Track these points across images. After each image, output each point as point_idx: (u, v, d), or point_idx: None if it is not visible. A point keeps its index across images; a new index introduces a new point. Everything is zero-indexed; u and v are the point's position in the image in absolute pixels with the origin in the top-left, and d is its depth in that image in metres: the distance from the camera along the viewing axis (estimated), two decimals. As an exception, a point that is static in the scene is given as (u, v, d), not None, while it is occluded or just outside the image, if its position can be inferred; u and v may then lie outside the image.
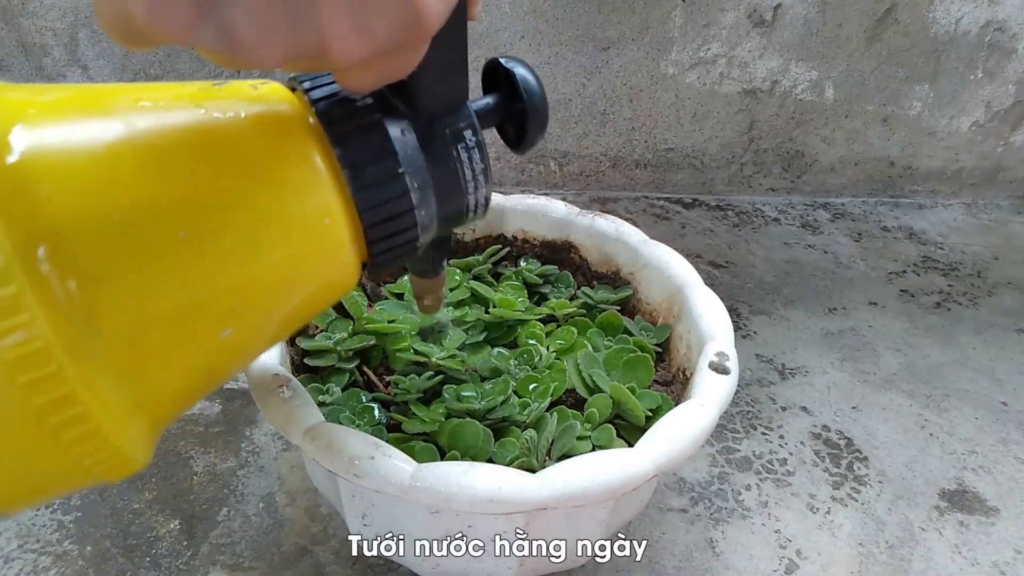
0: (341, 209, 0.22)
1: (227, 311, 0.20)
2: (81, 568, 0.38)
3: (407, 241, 0.24)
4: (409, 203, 0.23)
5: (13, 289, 0.16)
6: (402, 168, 0.22)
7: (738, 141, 0.82)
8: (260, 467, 0.44)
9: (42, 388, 0.17)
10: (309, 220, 0.21)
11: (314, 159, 0.21)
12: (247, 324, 0.21)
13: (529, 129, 0.25)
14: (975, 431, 0.53)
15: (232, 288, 0.20)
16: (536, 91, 0.25)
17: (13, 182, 0.17)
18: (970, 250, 0.79)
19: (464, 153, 0.24)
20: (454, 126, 0.23)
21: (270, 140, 0.21)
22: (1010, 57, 0.81)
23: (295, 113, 0.22)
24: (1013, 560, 0.43)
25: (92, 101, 0.20)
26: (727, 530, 0.43)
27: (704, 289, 0.40)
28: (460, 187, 0.24)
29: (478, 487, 0.27)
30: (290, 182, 0.21)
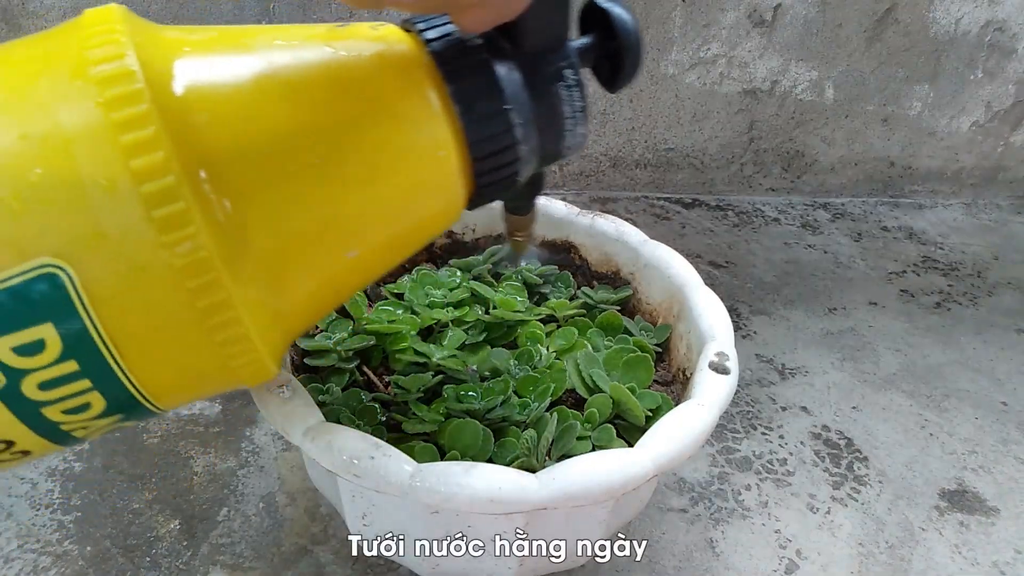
0: (452, 142, 0.23)
1: (353, 233, 0.23)
2: (81, 568, 0.38)
3: (509, 175, 0.25)
4: (513, 138, 0.24)
5: (182, 205, 0.19)
6: (508, 104, 0.23)
7: (738, 141, 0.82)
8: (260, 467, 0.44)
9: (205, 293, 0.20)
10: (424, 151, 0.23)
11: (429, 95, 0.23)
12: (369, 246, 0.24)
13: (624, 66, 0.26)
14: (975, 431, 0.53)
15: (356, 211, 0.23)
16: (632, 28, 0.26)
17: (179, 112, 0.19)
18: (970, 250, 0.79)
19: (564, 91, 0.25)
20: (556, 65, 0.24)
21: (389, 76, 0.23)
22: (1010, 57, 0.81)
23: (411, 52, 0.23)
24: (1013, 560, 0.43)
25: (235, 40, 0.22)
26: (727, 530, 0.43)
27: (704, 289, 0.40)
28: (560, 124, 0.25)
29: (478, 487, 0.27)
30: (407, 115, 0.23)
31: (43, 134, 0.19)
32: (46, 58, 0.20)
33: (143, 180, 0.18)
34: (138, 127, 0.19)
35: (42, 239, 0.19)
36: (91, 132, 0.19)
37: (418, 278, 0.43)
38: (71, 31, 0.21)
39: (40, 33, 0.22)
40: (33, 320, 0.19)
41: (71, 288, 0.19)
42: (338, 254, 0.23)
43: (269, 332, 0.22)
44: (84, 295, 0.19)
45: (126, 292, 0.19)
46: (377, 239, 0.24)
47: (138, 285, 0.19)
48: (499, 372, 0.38)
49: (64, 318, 0.19)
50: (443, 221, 0.26)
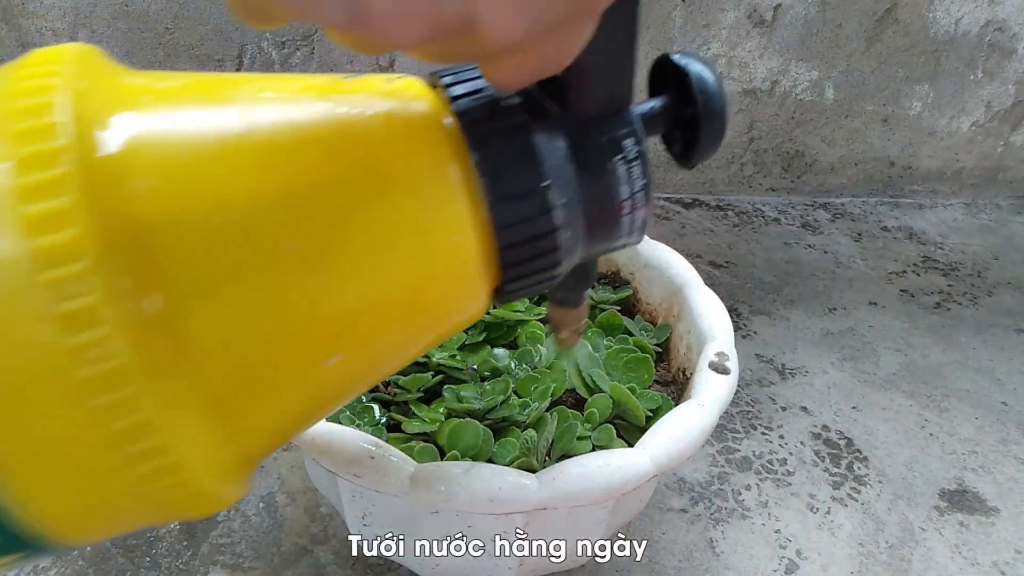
0: (473, 225, 0.19)
1: (335, 336, 0.18)
2: (81, 568, 0.38)
3: (546, 267, 0.20)
4: (551, 223, 0.19)
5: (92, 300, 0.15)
6: (547, 180, 0.19)
7: (738, 141, 0.82)
8: (260, 467, 0.44)
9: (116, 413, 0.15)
10: (435, 236, 0.19)
11: (446, 165, 0.18)
12: (356, 352, 0.19)
13: (701, 139, 0.21)
14: (975, 431, 0.53)
15: (342, 310, 0.18)
16: (715, 94, 0.21)
17: (108, 176, 0.16)
18: (970, 250, 0.79)
19: (623, 166, 0.20)
20: (613, 133, 0.20)
21: (398, 142, 0.19)
22: (1010, 57, 0.81)
23: (431, 112, 0.19)
24: (1013, 560, 0.43)
25: (211, 90, 0.18)
26: (727, 530, 0.43)
27: (704, 289, 0.40)
28: (613, 206, 0.20)
29: (478, 487, 0.27)
30: (417, 191, 0.18)
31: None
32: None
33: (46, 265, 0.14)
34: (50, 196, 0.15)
35: None
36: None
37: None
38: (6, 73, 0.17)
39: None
40: None
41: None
42: (315, 363, 0.18)
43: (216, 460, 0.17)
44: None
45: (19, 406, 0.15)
46: (368, 345, 0.19)
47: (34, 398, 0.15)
48: (499, 372, 0.38)
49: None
50: (458, 320, 0.21)
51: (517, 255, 0.19)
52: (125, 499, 0.17)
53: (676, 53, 0.22)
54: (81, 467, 0.16)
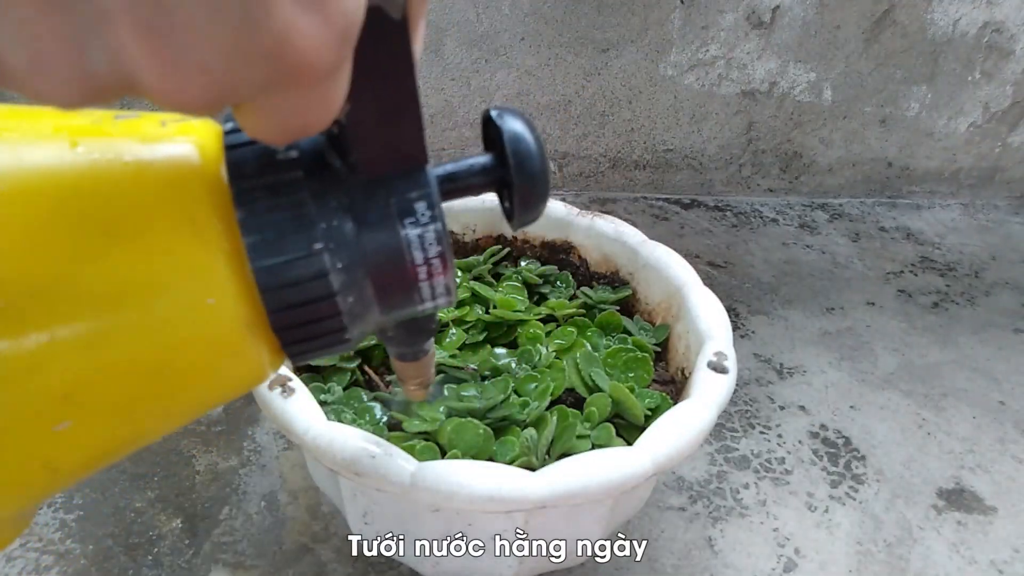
0: (234, 286, 0.17)
1: (60, 400, 0.16)
2: (83, 567, 0.38)
3: (329, 332, 0.19)
4: (328, 287, 0.18)
5: None
6: (320, 243, 0.17)
7: (736, 142, 0.82)
8: (262, 466, 0.44)
9: None
10: (184, 298, 0.17)
11: (201, 221, 0.17)
12: (92, 417, 0.17)
13: (515, 201, 0.20)
14: (973, 430, 0.53)
15: (68, 371, 0.16)
16: (530, 154, 0.19)
17: None
18: (967, 250, 0.79)
19: (414, 230, 0.18)
20: (403, 196, 0.18)
21: (149, 193, 0.17)
22: (1008, 58, 0.81)
23: (201, 163, 0.17)
24: (1011, 559, 0.43)
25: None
26: (726, 528, 0.43)
27: (703, 289, 0.40)
28: (405, 272, 0.19)
29: (478, 485, 0.27)
30: (163, 248, 0.17)
31: None
32: None
33: None
34: None
35: None
36: None
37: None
38: None
39: None
40: None
41: None
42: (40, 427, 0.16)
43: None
44: None
45: None
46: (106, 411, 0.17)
47: None
48: (499, 372, 0.38)
49: None
50: (228, 387, 0.19)
51: (290, 320, 0.18)
52: None
53: (495, 108, 0.21)
54: None
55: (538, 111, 0.77)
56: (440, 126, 0.76)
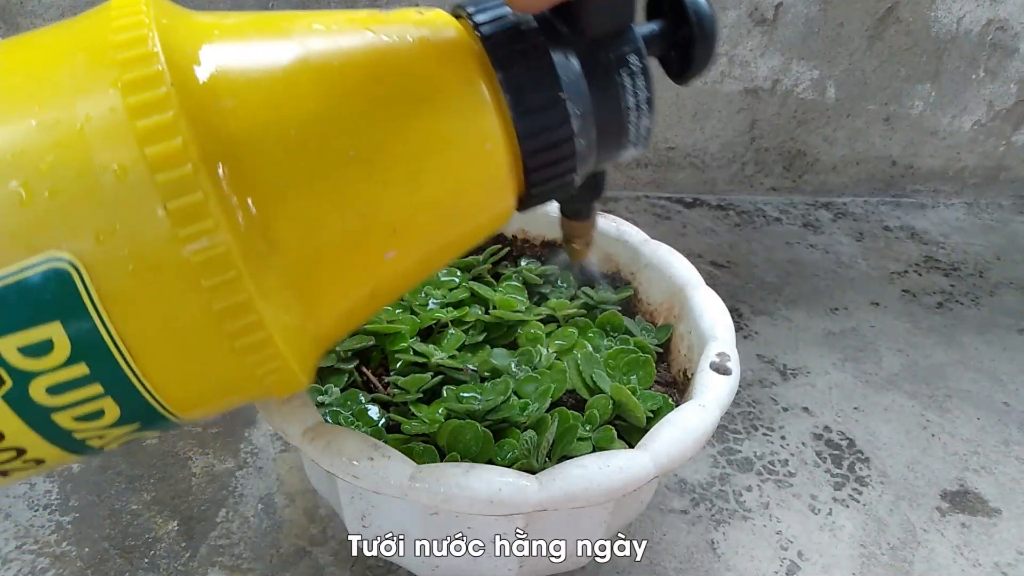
0: (502, 134, 0.22)
1: (391, 232, 0.21)
2: (79, 569, 0.37)
3: (565, 171, 0.23)
4: (569, 130, 0.22)
5: (200, 196, 0.17)
6: (564, 93, 0.22)
7: (739, 140, 0.81)
8: (259, 468, 0.44)
9: (223, 293, 0.18)
10: (470, 144, 0.21)
11: (477, 82, 0.21)
12: (409, 247, 0.22)
13: (696, 57, 0.24)
14: (977, 432, 0.53)
15: (396, 208, 0.21)
16: (706, 14, 0.24)
17: (202, 97, 0.18)
18: (972, 250, 0.79)
19: (628, 79, 0.23)
20: (619, 50, 0.23)
21: (435, 63, 0.21)
22: (1012, 56, 0.81)
23: (460, 37, 0.22)
24: (1015, 561, 0.43)
25: (269, 25, 0.21)
26: (728, 531, 0.43)
27: (705, 289, 0.40)
28: (622, 115, 0.23)
29: (478, 488, 0.27)
30: (453, 105, 0.21)
31: (58, 120, 0.18)
32: (70, 43, 0.19)
33: (158, 168, 0.17)
34: (155, 112, 0.17)
35: (50, 231, 0.17)
36: (106, 117, 0.18)
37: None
38: (96, 16, 0.20)
39: (67, 20, 0.21)
40: (40, 318, 0.18)
41: (80, 284, 0.18)
42: (374, 255, 0.21)
43: (297, 339, 0.21)
44: (94, 292, 0.18)
45: (139, 291, 0.18)
46: (418, 240, 0.22)
47: (152, 283, 0.18)
48: (499, 372, 0.38)
49: (73, 317, 0.18)
50: (490, 222, 0.24)
51: (540, 161, 0.22)
52: (227, 371, 0.20)
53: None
54: (192, 343, 0.19)
55: (539, 109, 0.76)
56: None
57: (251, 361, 0.20)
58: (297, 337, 0.20)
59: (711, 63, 0.25)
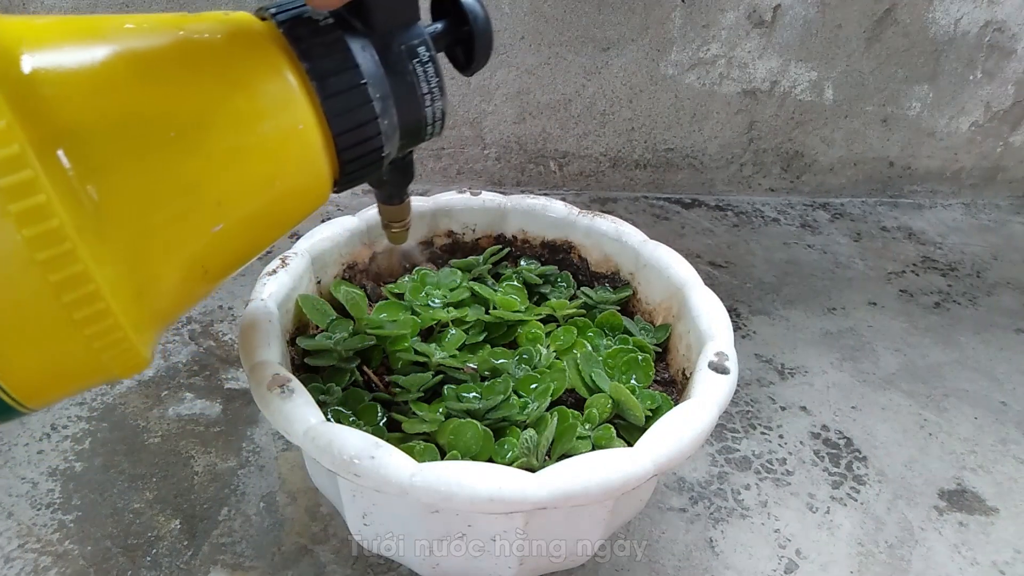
0: (312, 117, 0.24)
1: (216, 205, 0.23)
2: (82, 568, 0.38)
3: (373, 149, 0.26)
4: (372, 112, 0.25)
5: (30, 173, 0.18)
6: (364, 79, 0.24)
7: (738, 141, 0.82)
8: (261, 467, 0.44)
9: (59, 265, 0.19)
10: (284, 126, 0.24)
11: (285, 71, 0.24)
12: (235, 221, 0.24)
13: (476, 51, 0.28)
14: (974, 431, 0.53)
15: (220, 184, 0.23)
16: (480, 15, 0.27)
17: (25, 86, 0.19)
18: (969, 250, 0.79)
19: (419, 67, 0.26)
20: (409, 43, 0.26)
21: (245, 55, 0.23)
22: (1009, 57, 0.81)
23: (266, 33, 0.24)
24: (1012, 560, 0.43)
25: (87, 23, 0.22)
26: (727, 530, 0.43)
27: (704, 289, 0.40)
28: (417, 98, 0.26)
29: (478, 487, 0.27)
30: (263, 89, 0.23)
31: None
32: None
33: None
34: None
35: None
36: None
37: (418, 278, 0.43)
38: None
39: None
40: None
41: None
42: (202, 228, 0.23)
43: (135, 311, 0.21)
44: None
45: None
46: (243, 215, 0.24)
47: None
48: (499, 372, 0.38)
49: None
50: (310, 198, 0.26)
51: (349, 140, 0.25)
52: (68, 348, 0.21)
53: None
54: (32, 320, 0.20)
55: (538, 110, 0.77)
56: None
57: (92, 333, 0.20)
58: (135, 309, 0.21)
59: (488, 57, 0.28)
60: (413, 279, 0.43)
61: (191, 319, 0.55)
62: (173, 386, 0.49)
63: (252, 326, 0.34)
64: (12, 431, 0.45)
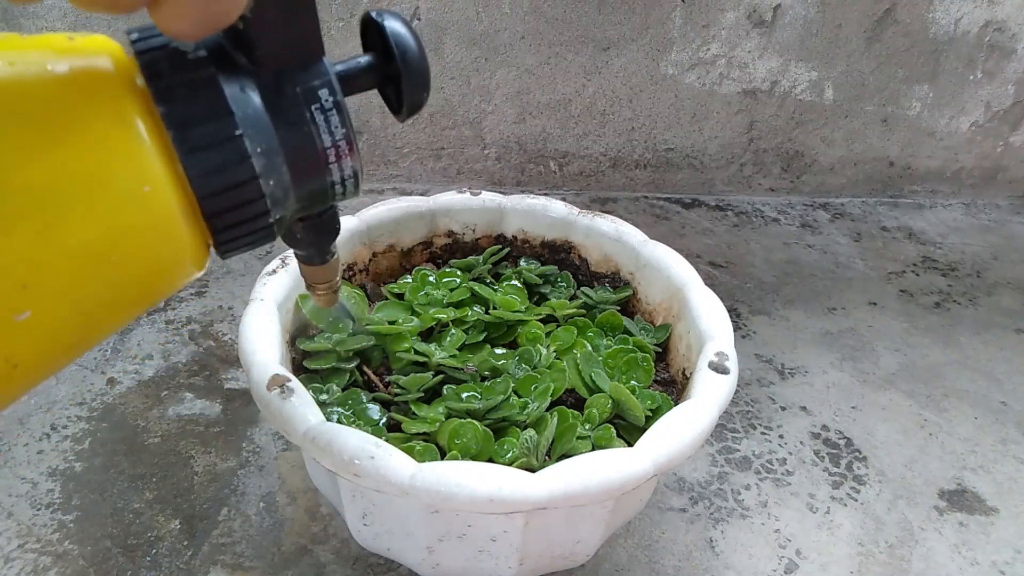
0: (166, 176, 0.19)
1: (20, 288, 0.18)
2: (82, 568, 0.38)
3: (254, 216, 0.21)
4: (251, 170, 0.20)
5: None
6: (239, 130, 0.19)
7: (738, 141, 0.82)
8: (260, 467, 0.44)
9: None
10: (122, 187, 0.19)
11: (129, 117, 0.19)
12: (49, 306, 0.19)
13: (405, 92, 0.23)
14: (974, 431, 0.53)
15: (23, 260, 0.18)
16: (411, 47, 0.22)
17: None
18: (969, 250, 0.79)
19: (320, 115, 0.21)
20: (306, 84, 0.21)
21: (76, 95, 0.19)
22: (1009, 57, 0.81)
23: (116, 68, 0.19)
24: (1012, 560, 0.43)
25: None
26: (727, 530, 0.43)
27: (704, 289, 0.40)
28: (316, 154, 0.21)
29: (478, 487, 0.27)
30: (97, 143, 0.18)
31: None
32: None
33: None
34: None
35: None
36: None
37: (418, 278, 0.43)
38: None
39: None
40: None
41: None
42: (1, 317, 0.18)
43: None
44: None
45: None
46: (62, 298, 0.19)
47: None
48: (499, 372, 0.38)
49: None
50: (168, 273, 0.21)
51: (219, 205, 0.20)
52: None
53: (375, 10, 0.23)
54: None
55: (538, 110, 0.77)
56: (439, 125, 0.76)
57: None
58: None
59: (423, 98, 0.23)
60: (413, 279, 0.43)
61: (191, 319, 0.55)
62: (173, 386, 0.49)
63: (252, 326, 0.34)
64: (12, 431, 0.45)
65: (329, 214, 0.26)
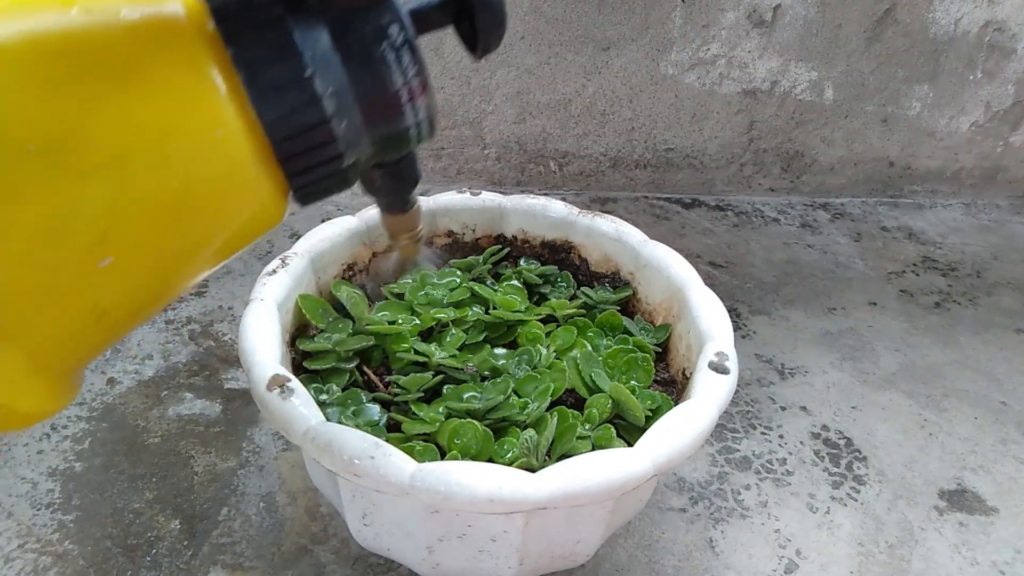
0: (238, 119, 0.19)
1: (99, 237, 0.18)
2: (81, 568, 0.38)
3: (328, 159, 0.20)
4: (322, 113, 0.19)
5: None
6: (310, 69, 0.19)
7: (738, 141, 0.82)
8: (260, 467, 0.44)
9: None
10: (195, 132, 0.18)
11: (200, 61, 0.18)
12: (130, 253, 0.19)
13: (480, 28, 0.22)
14: (974, 431, 0.53)
15: (102, 210, 0.18)
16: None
17: None
18: (969, 250, 0.79)
19: (390, 53, 0.20)
20: (375, 21, 0.20)
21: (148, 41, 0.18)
22: (1009, 57, 0.81)
23: (187, 13, 0.19)
24: (1012, 560, 0.43)
25: None
26: (727, 530, 0.43)
27: (704, 289, 0.40)
28: (389, 93, 0.20)
29: (478, 487, 0.27)
30: (169, 87, 0.18)
31: None
32: None
33: None
34: None
35: None
36: None
37: (418, 278, 0.43)
38: None
39: None
40: None
41: None
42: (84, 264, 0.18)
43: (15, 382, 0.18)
44: None
45: None
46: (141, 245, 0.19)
47: None
48: (499, 372, 0.38)
49: None
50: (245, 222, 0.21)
51: (292, 148, 0.19)
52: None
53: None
54: None
55: (538, 110, 0.77)
56: (439, 125, 0.76)
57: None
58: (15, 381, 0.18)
59: (501, 32, 0.22)
60: (413, 279, 0.43)
61: (191, 319, 0.55)
62: (173, 386, 0.49)
63: (252, 326, 0.34)
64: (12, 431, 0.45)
65: (407, 161, 0.25)
